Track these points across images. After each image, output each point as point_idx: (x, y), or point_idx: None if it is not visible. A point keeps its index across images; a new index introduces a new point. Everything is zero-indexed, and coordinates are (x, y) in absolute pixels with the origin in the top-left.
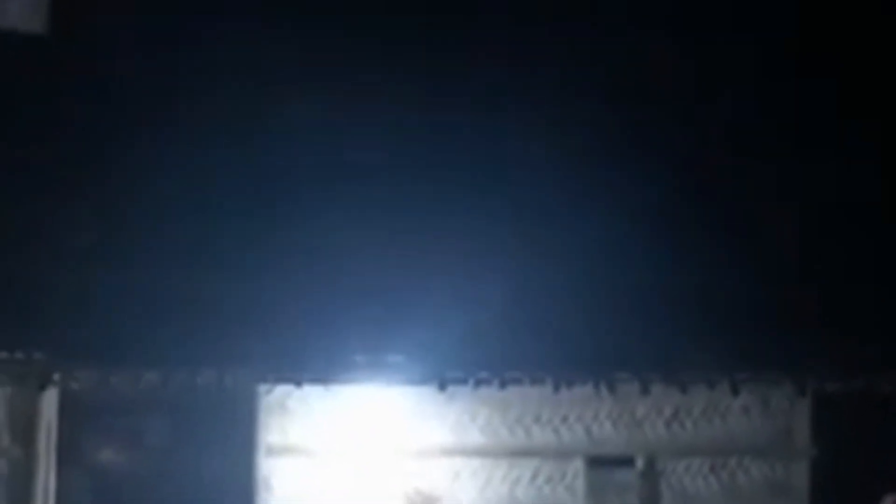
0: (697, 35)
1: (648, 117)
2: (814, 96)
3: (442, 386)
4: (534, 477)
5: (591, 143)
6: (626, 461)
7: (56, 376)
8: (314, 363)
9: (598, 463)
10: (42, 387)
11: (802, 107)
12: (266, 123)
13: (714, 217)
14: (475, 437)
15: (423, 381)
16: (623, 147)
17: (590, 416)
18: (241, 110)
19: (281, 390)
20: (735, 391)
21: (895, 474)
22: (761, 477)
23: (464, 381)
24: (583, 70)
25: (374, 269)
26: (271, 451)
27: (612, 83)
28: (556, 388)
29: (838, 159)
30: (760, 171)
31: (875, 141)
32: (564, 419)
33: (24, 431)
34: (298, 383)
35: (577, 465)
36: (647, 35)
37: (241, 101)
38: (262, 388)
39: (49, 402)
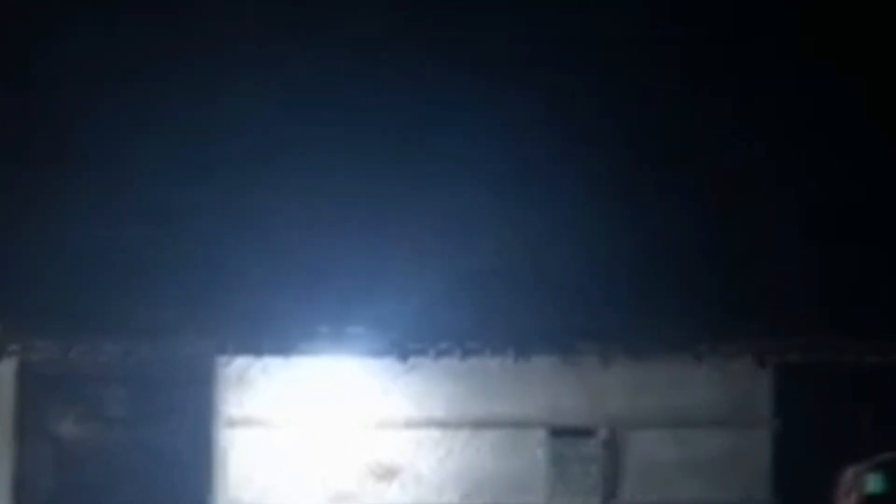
0: None
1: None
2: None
3: (403, 357)
4: (495, 448)
5: (550, 116)
6: (588, 432)
7: (14, 347)
8: (274, 334)
9: (560, 434)
10: None
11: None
12: (231, 90)
13: (676, 191)
14: (436, 408)
15: (384, 352)
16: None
17: (552, 387)
18: (201, 78)
19: (241, 361)
20: (697, 362)
21: (855, 444)
22: (722, 447)
23: (425, 353)
24: (526, 62)
25: (335, 240)
26: (230, 423)
27: (552, 78)
28: (518, 360)
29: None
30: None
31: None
32: (526, 390)
33: None
34: (258, 354)
35: (539, 436)
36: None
37: (200, 70)
38: (222, 359)
39: (7, 372)
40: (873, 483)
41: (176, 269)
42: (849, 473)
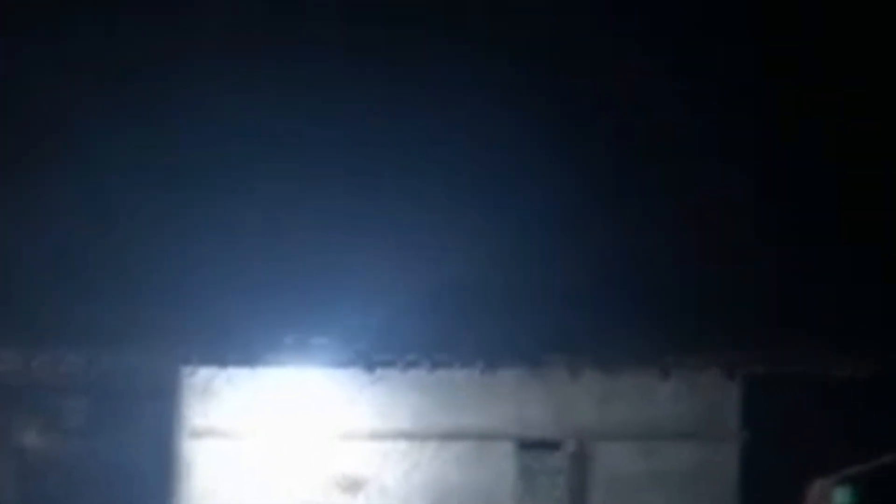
0: None
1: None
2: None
3: (370, 368)
4: (462, 460)
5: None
6: (556, 445)
7: None
8: (239, 345)
9: (528, 446)
10: None
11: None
12: (194, 101)
13: (646, 203)
14: (403, 420)
15: (350, 363)
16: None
17: (519, 399)
18: (167, 85)
19: (205, 372)
20: (665, 375)
21: (823, 458)
22: (690, 460)
23: (391, 364)
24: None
25: (302, 250)
26: (195, 434)
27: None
28: (486, 372)
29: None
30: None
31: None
32: (493, 402)
33: None
34: (223, 365)
35: (507, 449)
36: None
37: (166, 77)
38: (186, 369)
39: None
40: (841, 496)
41: (140, 278)
42: (817, 486)
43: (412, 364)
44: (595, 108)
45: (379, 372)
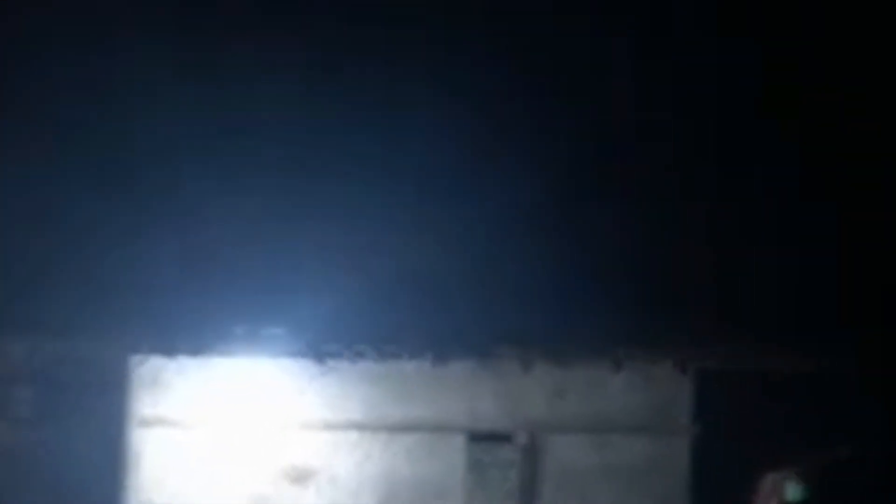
0: None
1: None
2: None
3: (320, 359)
4: (413, 452)
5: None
6: (507, 437)
7: None
8: (189, 334)
9: (479, 439)
10: None
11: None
12: (146, 91)
13: (598, 195)
14: (353, 411)
15: (301, 354)
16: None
17: (470, 391)
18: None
19: (154, 362)
20: (617, 368)
21: (775, 452)
22: (642, 453)
23: (342, 355)
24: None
25: (253, 239)
26: (143, 424)
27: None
28: (437, 363)
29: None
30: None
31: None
32: (444, 394)
33: None
34: (172, 355)
35: (458, 441)
36: None
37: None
38: (135, 359)
39: None
40: (792, 491)
41: (88, 266)
42: (768, 481)
43: (362, 355)
44: (552, 103)
45: (329, 363)
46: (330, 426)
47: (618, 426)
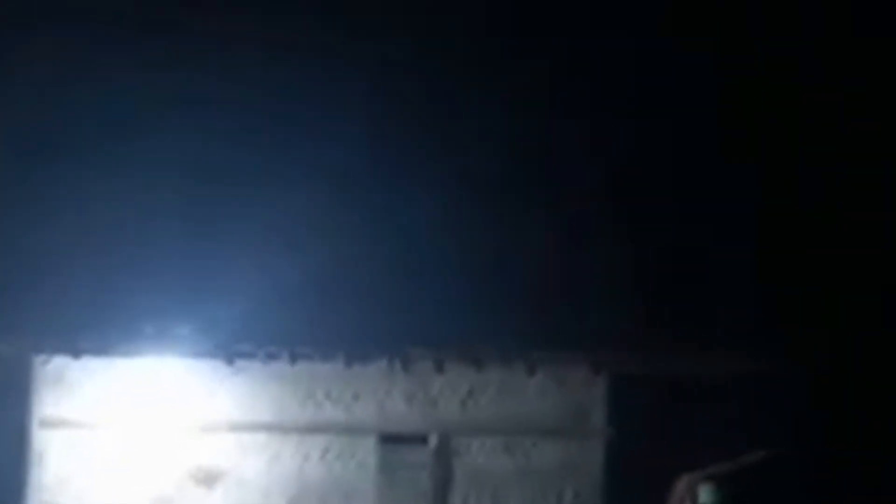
0: None
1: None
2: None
3: (230, 359)
4: (324, 454)
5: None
6: (419, 439)
7: None
8: (95, 334)
9: (391, 440)
10: None
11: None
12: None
13: (512, 197)
14: (263, 413)
15: (210, 354)
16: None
17: (382, 393)
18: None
19: (59, 361)
20: (531, 370)
21: (688, 455)
22: (556, 456)
23: (252, 356)
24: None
25: (162, 239)
26: (47, 424)
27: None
28: (348, 364)
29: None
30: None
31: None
32: (356, 396)
33: None
34: (77, 354)
35: (369, 443)
36: None
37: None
38: (38, 358)
39: None
40: (706, 494)
41: None
42: (682, 484)
43: (273, 356)
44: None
45: (239, 363)
46: (239, 427)
47: (532, 429)
